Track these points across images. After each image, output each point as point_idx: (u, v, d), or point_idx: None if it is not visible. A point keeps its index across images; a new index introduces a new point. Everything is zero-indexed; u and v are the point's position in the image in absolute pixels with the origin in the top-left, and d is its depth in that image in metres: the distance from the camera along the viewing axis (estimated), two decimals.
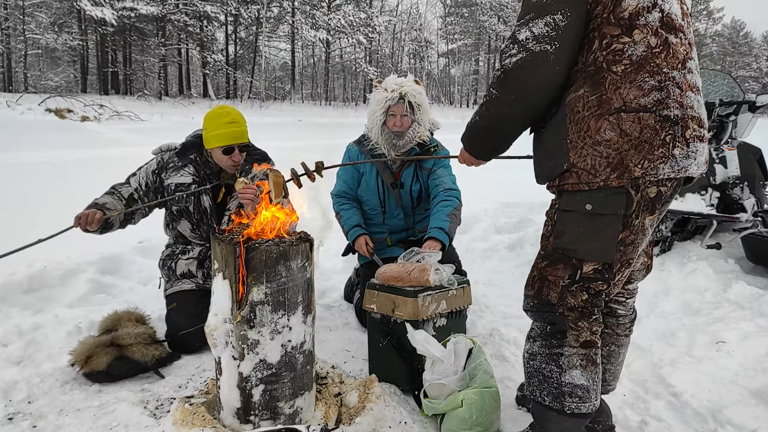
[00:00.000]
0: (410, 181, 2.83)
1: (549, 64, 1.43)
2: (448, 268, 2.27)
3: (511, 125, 1.59)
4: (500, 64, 1.53)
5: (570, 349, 1.54)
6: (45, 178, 6.65)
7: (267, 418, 1.62)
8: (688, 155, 1.42)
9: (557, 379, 1.54)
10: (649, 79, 1.40)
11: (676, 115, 1.40)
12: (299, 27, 31.78)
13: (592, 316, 1.56)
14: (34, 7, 26.70)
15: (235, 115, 2.53)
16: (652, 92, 1.39)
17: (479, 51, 43.71)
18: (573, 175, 1.47)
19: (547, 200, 1.68)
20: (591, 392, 1.53)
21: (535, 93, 1.48)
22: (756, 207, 3.84)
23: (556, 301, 1.56)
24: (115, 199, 2.47)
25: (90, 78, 29.60)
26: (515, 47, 1.46)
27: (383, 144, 2.74)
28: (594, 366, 1.54)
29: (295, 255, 1.58)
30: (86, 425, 1.83)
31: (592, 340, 1.55)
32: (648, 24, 1.41)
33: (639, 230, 1.48)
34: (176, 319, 2.43)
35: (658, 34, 1.41)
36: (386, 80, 2.73)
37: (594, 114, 1.43)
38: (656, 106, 1.39)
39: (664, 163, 1.40)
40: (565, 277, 1.55)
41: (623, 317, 1.79)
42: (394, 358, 2.13)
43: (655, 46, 1.41)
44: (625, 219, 1.45)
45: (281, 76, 41.87)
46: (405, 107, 2.67)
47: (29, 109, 16.26)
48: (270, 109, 25.48)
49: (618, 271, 1.52)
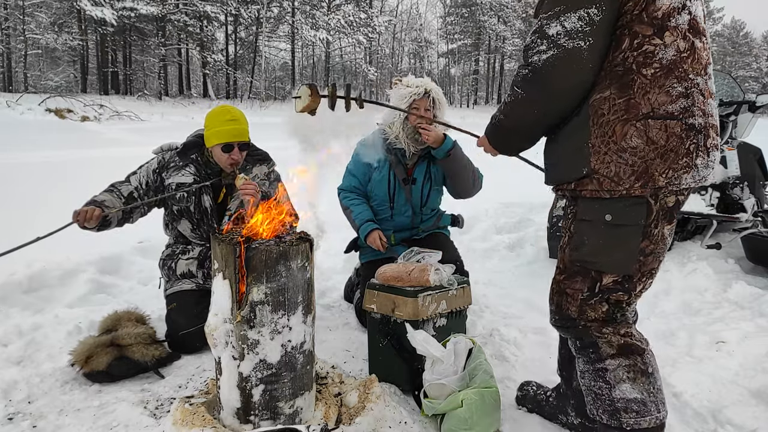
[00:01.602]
0: (423, 177, 2.84)
1: (582, 62, 1.34)
2: (448, 268, 2.28)
3: (539, 126, 1.52)
4: (525, 60, 1.44)
5: (612, 362, 1.48)
6: (45, 178, 6.65)
7: (267, 418, 1.62)
8: (707, 165, 1.39)
9: (608, 396, 1.48)
10: (677, 85, 1.35)
11: (700, 124, 1.36)
12: (299, 27, 31.77)
13: (616, 320, 1.52)
14: (34, 7, 26.70)
15: (236, 114, 2.53)
16: (679, 99, 1.35)
17: (479, 51, 43.71)
18: (593, 181, 1.41)
19: (548, 200, 1.68)
20: (649, 405, 1.45)
21: (567, 93, 1.41)
22: (756, 207, 3.84)
23: (576, 315, 1.52)
24: (114, 197, 2.46)
25: (90, 78, 29.60)
26: (544, 43, 1.36)
27: (404, 138, 2.75)
28: (645, 376, 1.47)
29: (295, 255, 1.58)
30: (86, 425, 1.83)
31: (629, 343, 1.49)
32: (678, 26, 1.35)
33: (659, 240, 1.45)
34: (176, 319, 2.43)
35: (686, 38, 1.36)
36: (406, 78, 2.78)
37: (620, 119, 1.36)
38: (682, 113, 1.35)
39: (687, 173, 1.36)
40: (583, 290, 1.50)
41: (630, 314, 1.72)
42: (394, 358, 2.13)
43: (683, 50, 1.36)
44: (645, 229, 1.41)
45: (281, 76, 41.85)
46: (429, 102, 2.71)
47: (29, 109, 16.27)
48: (270, 109, 25.46)
49: (639, 281, 1.48)
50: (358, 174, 2.91)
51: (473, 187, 2.86)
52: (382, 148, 2.80)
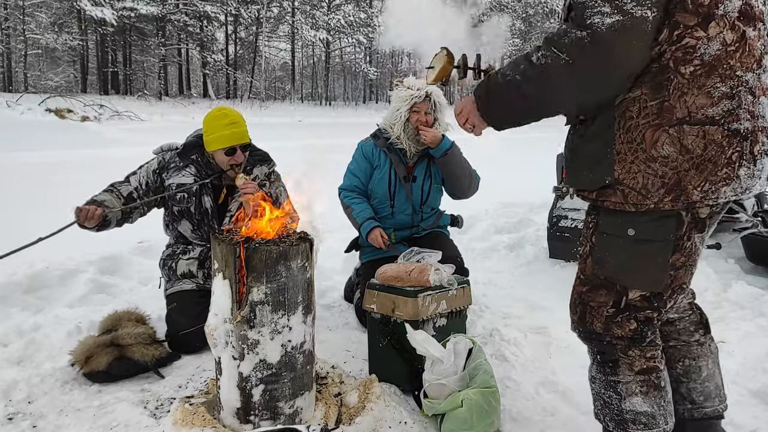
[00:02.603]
0: (423, 175, 2.89)
1: (646, 35, 1.13)
2: (448, 268, 2.28)
3: (567, 100, 1.27)
4: (580, 21, 1.17)
5: (627, 377, 1.39)
6: (45, 178, 6.65)
7: (267, 418, 1.62)
8: (753, 174, 1.21)
9: (617, 406, 1.40)
10: (721, 85, 1.17)
11: (746, 128, 1.19)
12: (299, 27, 31.77)
13: (645, 340, 1.38)
14: (34, 7, 26.70)
15: (235, 116, 2.53)
16: (722, 101, 1.17)
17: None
18: (617, 192, 1.26)
19: (548, 200, 1.66)
20: (657, 418, 1.38)
21: (622, 69, 1.17)
22: (756, 207, 3.84)
23: (601, 330, 1.39)
24: (114, 197, 2.46)
25: (90, 78, 29.60)
26: (607, 4, 1.12)
27: (405, 139, 2.80)
28: (657, 390, 1.39)
29: (295, 255, 1.58)
30: (86, 425, 1.83)
31: (651, 366, 1.38)
32: (726, 14, 1.16)
33: (691, 252, 1.30)
34: (177, 319, 2.43)
35: (735, 28, 1.17)
36: (407, 80, 2.83)
37: (651, 123, 1.20)
38: (725, 117, 1.17)
39: (726, 186, 1.19)
40: (608, 304, 1.37)
41: (679, 320, 1.52)
42: (394, 358, 2.13)
43: (730, 42, 1.17)
44: (676, 242, 1.27)
45: (281, 76, 41.87)
46: (430, 105, 2.78)
47: (29, 109, 16.27)
48: (270, 109, 25.47)
49: (669, 297, 1.35)
50: (358, 173, 2.92)
51: (469, 189, 2.93)
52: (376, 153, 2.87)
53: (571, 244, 3.71)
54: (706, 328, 1.53)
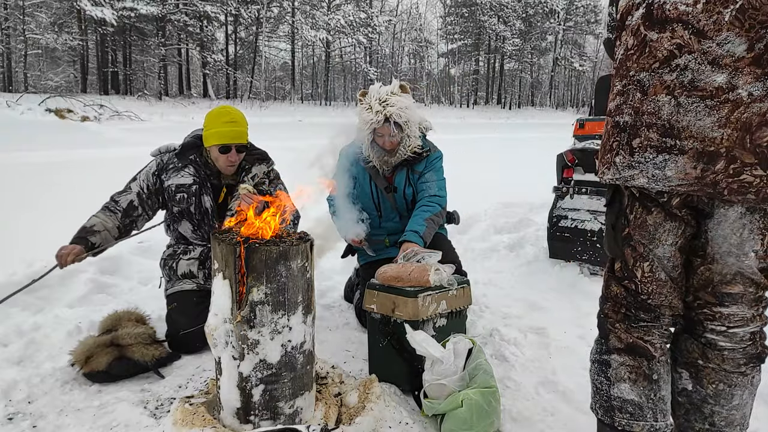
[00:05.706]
0: (403, 184, 2.82)
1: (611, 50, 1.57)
2: (448, 268, 2.28)
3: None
4: None
5: (617, 358, 1.47)
6: (45, 178, 6.65)
7: (267, 418, 1.62)
8: (630, 165, 1.35)
9: (606, 392, 1.48)
10: (618, 84, 1.41)
11: (626, 122, 1.36)
12: (299, 27, 31.80)
13: (638, 322, 1.47)
14: (34, 7, 26.71)
15: (236, 116, 2.53)
16: (616, 97, 1.41)
17: (479, 51, 43.71)
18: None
19: (548, 200, 1.70)
20: (645, 410, 1.42)
21: None
22: None
23: (603, 292, 1.57)
24: (109, 214, 2.49)
25: (90, 78, 29.62)
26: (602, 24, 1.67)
27: (375, 159, 2.72)
28: (647, 381, 1.43)
29: (295, 255, 1.58)
30: (86, 425, 1.83)
31: (639, 345, 1.45)
32: (632, 23, 1.37)
33: (639, 227, 1.42)
34: (177, 319, 2.43)
35: (637, 34, 1.34)
36: (370, 92, 2.62)
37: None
38: (613, 111, 1.42)
39: (608, 170, 1.42)
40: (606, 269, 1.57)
41: (730, 351, 1.45)
42: (394, 358, 2.14)
43: (631, 47, 1.36)
44: (620, 212, 1.47)
45: (281, 76, 41.88)
46: (391, 128, 2.58)
47: (29, 109, 16.28)
48: (270, 109, 25.50)
49: (635, 267, 1.45)
50: (343, 181, 2.84)
51: None
52: (359, 161, 2.80)
53: (571, 244, 3.71)
54: (758, 361, 1.47)
